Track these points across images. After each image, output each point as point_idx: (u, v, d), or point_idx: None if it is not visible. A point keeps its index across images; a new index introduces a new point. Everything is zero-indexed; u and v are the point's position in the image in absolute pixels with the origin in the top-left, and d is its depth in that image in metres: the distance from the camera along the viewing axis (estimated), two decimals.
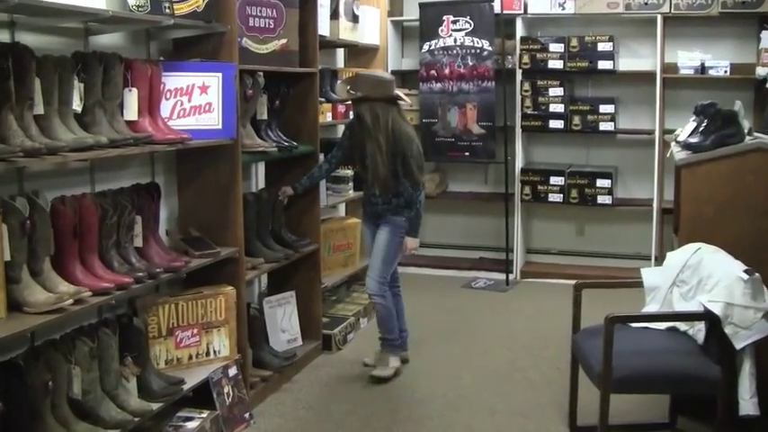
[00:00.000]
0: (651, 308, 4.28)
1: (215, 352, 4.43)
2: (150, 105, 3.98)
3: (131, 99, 3.87)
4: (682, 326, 4.13)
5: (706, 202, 4.25)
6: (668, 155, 5.15)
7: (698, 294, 3.98)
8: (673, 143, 4.98)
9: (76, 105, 3.53)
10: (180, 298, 4.32)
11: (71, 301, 3.25)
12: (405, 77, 8.06)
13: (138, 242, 3.93)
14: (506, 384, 5.13)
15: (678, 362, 3.83)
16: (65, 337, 3.56)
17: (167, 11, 3.96)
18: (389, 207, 5.12)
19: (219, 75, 4.30)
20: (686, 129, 4.88)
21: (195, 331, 4.36)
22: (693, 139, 4.50)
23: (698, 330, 3.99)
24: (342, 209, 7.04)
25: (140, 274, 3.70)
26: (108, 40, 4.08)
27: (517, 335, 6.15)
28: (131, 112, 3.87)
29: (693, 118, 4.86)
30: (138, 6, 3.82)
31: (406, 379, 5.21)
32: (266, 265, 4.91)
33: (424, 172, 5.16)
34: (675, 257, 4.22)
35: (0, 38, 3.36)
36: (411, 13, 8.03)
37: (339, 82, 5.33)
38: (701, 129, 4.54)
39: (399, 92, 5.12)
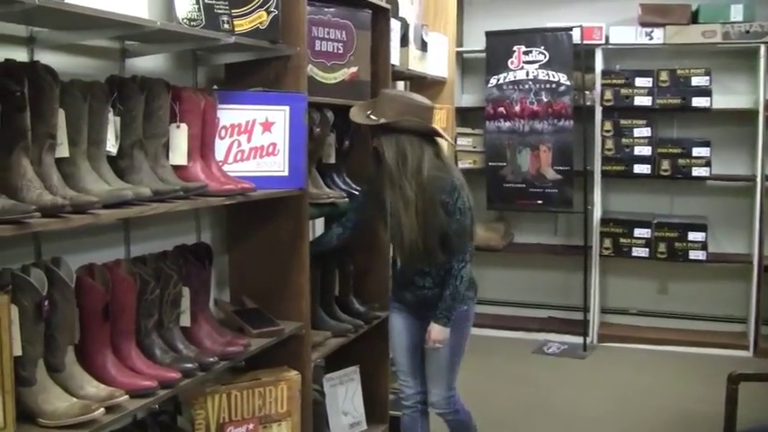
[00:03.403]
0: None
1: None
2: (203, 146, 3.17)
3: (180, 138, 3.06)
4: None
5: None
6: None
7: None
8: None
9: (111, 146, 2.72)
10: (233, 386, 3.52)
11: (102, 410, 2.41)
12: (465, 115, 7.33)
13: (186, 321, 3.11)
14: None
15: None
16: None
17: (226, 26, 3.15)
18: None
19: (287, 108, 3.50)
20: None
21: (251, 427, 3.56)
22: None
23: None
24: None
25: (189, 365, 2.88)
26: (147, 64, 3.29)
27: (610, 416, 5.36)
28: (180, 155, 3.07)
29: None
30: (190, 20, 3.01)
31: None
32: (333, 340, 4.09)
33: (472, 238, 3.79)
34: None
35: (16, 57, 2.52)
36: (473, 44, 7.35)
37: (357, 105, 4.03)
38: None
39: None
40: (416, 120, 3.70)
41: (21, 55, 2.66)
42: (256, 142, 3.48)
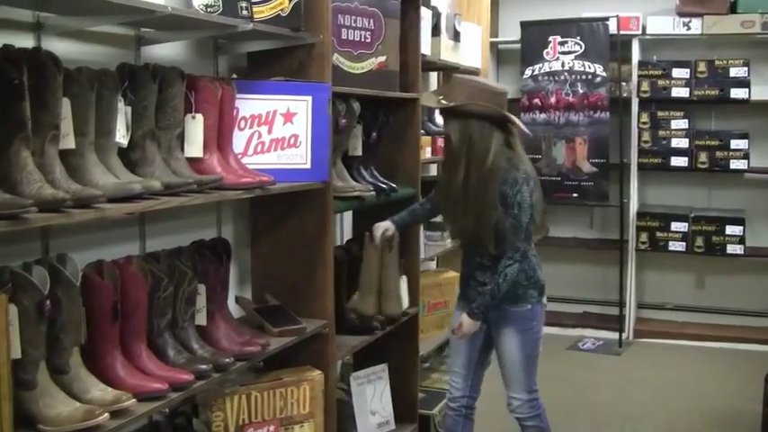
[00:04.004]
0: None
1: None
2: (220, 138, 3.04)
3: (195, 129, 2.93)
4: None
5: None
6: None
7: None
8: None
9: (121, 137, 2.60)
10: (253, 387, 3.39)
11: (106, 415, 2.29)
12: None
13: (201, 320, 2.98)
14: None
15: None
16: None
17: (245, 12, 3.02)
18: (506, 292, 3.60)
19: (309, 98, 3.37)
20: None
21: (272, 429, 3.43)
22: None
23: None
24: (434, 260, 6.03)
25: (204, 366, 2.75)
26: (164, 52, 3.17)
27: (651, 415, 5.18)
28: (195, 147, 2.94)
29: None
30: (207, 6, 2.89)
31: None
32: (358, 338, 3.97)
33: (529, 237, 3.57)
34: None
35: (23, 44, 2.39)
36: (507, 34, 7.20)
37: (428, 91, 3.70)
38: None
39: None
40: (486, 104, 3.50)
41: (27, 42, 2.54)
42: (277, 134, 3.35)
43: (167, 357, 2.75)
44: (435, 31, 5.19)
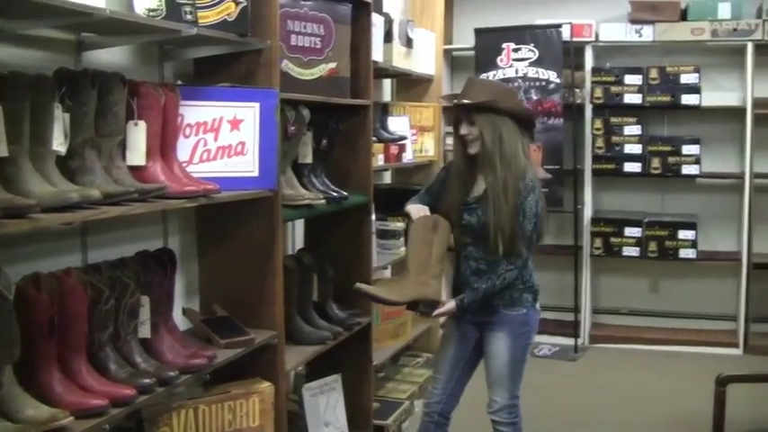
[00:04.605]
0: None
1: None
2: (164, 145, 2.96)
3: (138, 136, 2.85)
4: None
5: None
6: None
7: None
8: None
9: (59, 145, 2.50)
10: (201, 401, 3.31)
11: None
12: None
13: (145, 333, 2.90)
14: None
15: None
16: None
17: (189, 17, 2.95)
18: (501, 294, 3.62)
19: (256, 105, 3.30)
20: None
21: None
22: None
23: None
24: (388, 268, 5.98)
25: (147, 380, 2.67)
26: (107, 58, 3.09)
27: (607, 420, 5.18)
28: (138, 155, 2.85)
29: None
30: (150, 10, 2.81)
31: None
32: (310, 348, 3.91)
33: (530, 246, 3.58)
34: None
35: None
36: (462, 41, 7.14)
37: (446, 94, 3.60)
38: None
39: None
40: (514, 104, 3.55)
41: None
42: (224, 141, 3.28)
43: (109, 372, 2.67)
44: (388, 37, 5.16)
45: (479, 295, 3.54)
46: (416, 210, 3.68)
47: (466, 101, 3.54)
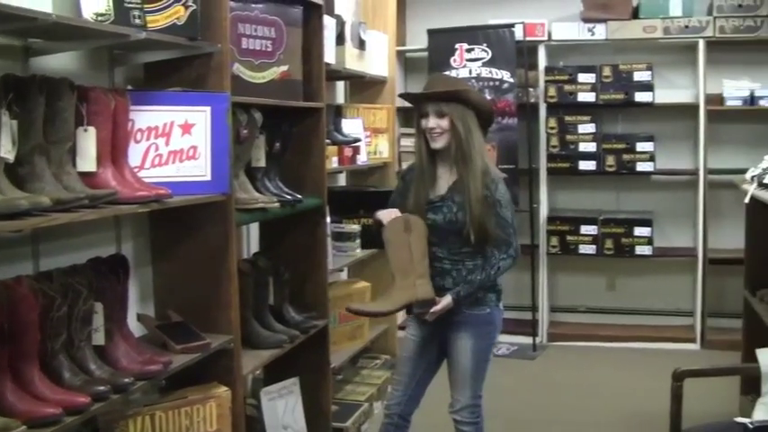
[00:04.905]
0: None
1: None
2: (114, 151, 2.93)
3: (88, 142, 2.82)
4: None
5: None
6: (746, 199, 4.41)
7: None
8: (748, 184, 4.37)
9: (7, 152, 2.47)
10: (157, 407, 3.28)
11: None
12: (408, 115, 7.05)
13: (99, 339, 2.87)
14: None
15: None
16: None
17: (138, 21, 2.93)
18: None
19: (207, 109, 3.29)
20: (763, 165, 4.40)
21: None
22: None
23: None
24: (344, 271, 5.97)
25: (101, 387, 2.64)
26: (56, 64, 3.05)
27: (566, 418, 5.22)
28: (88, 161, 2.83)
29: None
30: (98, 15, 2.79)
31: None
32: (267, 352, 3.89)
33: (516, 231, 3.62)
34: None
35: None
36: (415, 42, 7.18)
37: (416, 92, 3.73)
38: None
39: None
40: (483, 101, 3.64)
41: None
42: (175, 146, 3.26)
43: (63, 380, 2.64)
44: (340, 39, 5.14)
45: (475, 287, 3.56)
46: (386, 214, 3.66)
47: (440, 90, 3.58)
